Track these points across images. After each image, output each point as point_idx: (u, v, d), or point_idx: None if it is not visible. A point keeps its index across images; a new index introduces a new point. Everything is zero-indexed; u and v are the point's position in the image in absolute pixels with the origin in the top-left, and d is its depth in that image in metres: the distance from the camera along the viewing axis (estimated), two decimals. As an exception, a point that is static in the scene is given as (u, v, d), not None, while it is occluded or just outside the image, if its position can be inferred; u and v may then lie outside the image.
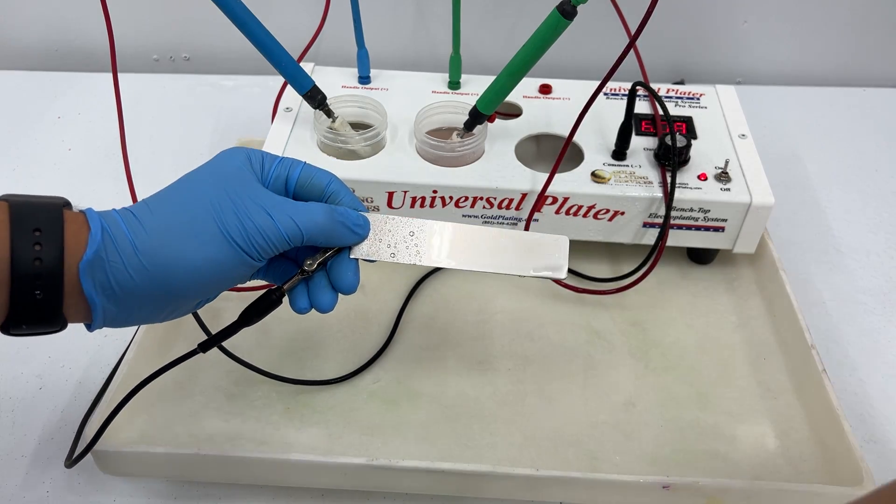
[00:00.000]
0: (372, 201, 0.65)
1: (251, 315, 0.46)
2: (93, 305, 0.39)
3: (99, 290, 0.39)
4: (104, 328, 0.41)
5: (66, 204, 0.40)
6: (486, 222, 0.66)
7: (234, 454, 0.51)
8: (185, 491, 0.55)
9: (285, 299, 0.46)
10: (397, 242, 0.47)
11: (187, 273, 0.40)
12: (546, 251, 0.48)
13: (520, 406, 0.59)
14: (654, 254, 0.64)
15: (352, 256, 0.46)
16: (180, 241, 0.40)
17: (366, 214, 0.47)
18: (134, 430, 0.56)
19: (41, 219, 0.38)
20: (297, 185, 0.45)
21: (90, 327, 0.41)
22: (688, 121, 0.71)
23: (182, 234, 0.40)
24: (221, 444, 0.56)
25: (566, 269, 0.47)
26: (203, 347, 0.47)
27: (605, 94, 0.74)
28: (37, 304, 0.38)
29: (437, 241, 0.47)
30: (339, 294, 0.46)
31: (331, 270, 0.46)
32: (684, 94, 0.74)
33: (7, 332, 0.39)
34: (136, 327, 0.59)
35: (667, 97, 0.74)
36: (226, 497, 0.55)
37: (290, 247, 0.43)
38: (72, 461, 0.52)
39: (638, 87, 0.64)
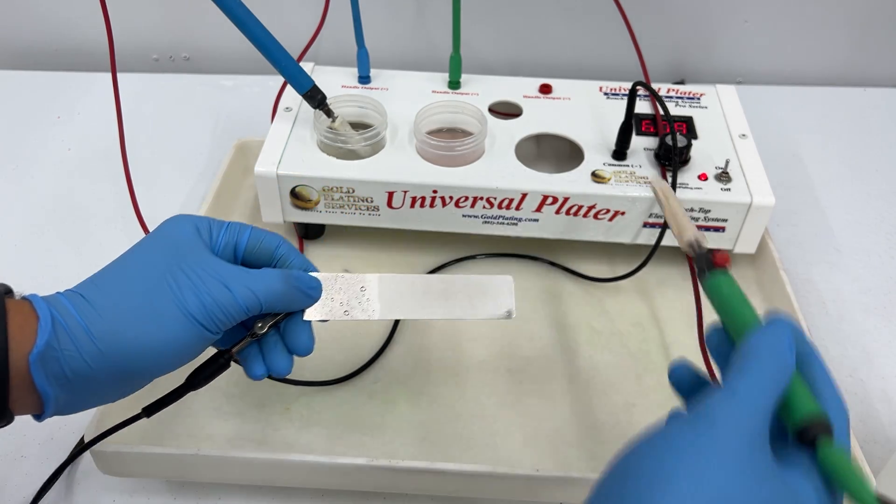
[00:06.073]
0: (372, 201, 0.65)
1: (198, 379, 0.45)
2: (45, 397, 0.37)
3: (52, 381, 0.37)
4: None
5: (8, 291, 0.39)
6: (486, 222, 0.66)
7: (233, 454, 0.51)
8: (185, 491, 0.55)
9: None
10: (349, 299, 0.47)
11: (147, 353, 0.39)
12: (494, 293, 0.48)
13: (520, 406, 0.59)
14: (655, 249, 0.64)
15: (305, 318, 0.46)
16: (137, 320, 0.39)
17: (315, 275, 0.46)
18: (133, 430, 0.56)
19: None
20: (245, 250, 0.45)
21: (39, 418, 0.39)
22: (688, 121, 0.71)
23: (139, 313, 0.39)
24: (221, 445, 0.56)
25: (514, 309, 0.48)
26: (147, 412, 0.45)
27: (606, 93, 0.74)
28: None
29: (389, 294, 0.47)
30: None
31: (285, 333, 0.45)
32: (685, 93, 0.74)
33: None
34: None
35: (667, 97, 0.73)
36: (225, 497, 0.55)
37: (248, 317, 0.42)
38: None
39: (638, 87, 0.64)
